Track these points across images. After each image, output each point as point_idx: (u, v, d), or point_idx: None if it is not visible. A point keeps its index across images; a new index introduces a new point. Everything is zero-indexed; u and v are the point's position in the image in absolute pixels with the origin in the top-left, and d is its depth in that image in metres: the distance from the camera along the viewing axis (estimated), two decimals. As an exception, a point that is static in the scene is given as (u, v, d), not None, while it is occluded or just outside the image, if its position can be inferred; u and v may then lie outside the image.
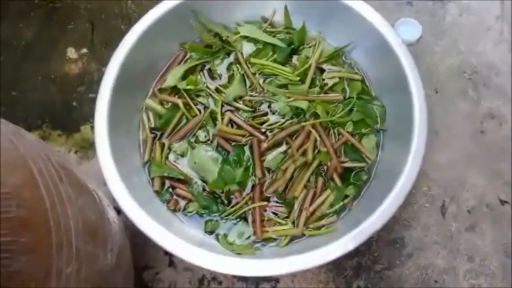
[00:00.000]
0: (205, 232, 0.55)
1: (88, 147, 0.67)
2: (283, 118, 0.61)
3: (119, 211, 0.52)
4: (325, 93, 0.63)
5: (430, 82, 0.71)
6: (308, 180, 0.57)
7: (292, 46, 0.64)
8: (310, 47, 0.65)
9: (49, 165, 0.34)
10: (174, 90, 0.62)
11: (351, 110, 0.61)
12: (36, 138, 0.40)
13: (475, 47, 0.74)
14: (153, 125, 0.61)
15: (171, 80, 0.62)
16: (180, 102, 0.61)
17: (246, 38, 0.65)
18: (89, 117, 0.70)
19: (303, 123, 0.59)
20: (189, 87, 0.61)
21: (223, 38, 0.65)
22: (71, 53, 0.74)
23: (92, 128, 0.68)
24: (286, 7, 0.65)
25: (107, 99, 0.56)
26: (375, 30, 0.59)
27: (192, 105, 0.61)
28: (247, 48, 0.65)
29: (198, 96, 0.62)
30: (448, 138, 0.68)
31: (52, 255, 0.30)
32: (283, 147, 0.59)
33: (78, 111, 0.70)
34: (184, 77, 0.62)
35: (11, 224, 0.28)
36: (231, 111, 0.61)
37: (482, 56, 0.73)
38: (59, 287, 0.30)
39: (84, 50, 0.74)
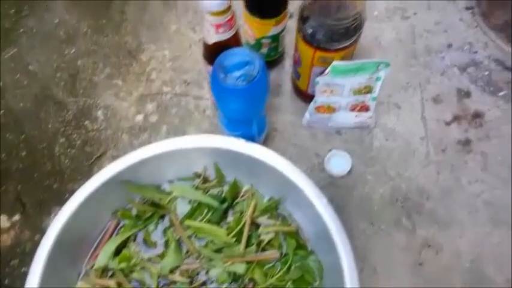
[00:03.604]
0: None
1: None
2: (222, 286, 0.60)
3: None
4: (263, 249, 0.63)
5: (364, 214, 0.73)
6: None
7: (226, 203, 0.65)
8: (244, 200, 0.66)
9: None
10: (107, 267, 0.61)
11: (288, 268, 0.61)
12: None
13: (404, 171, 0.77)
14: (86, 312, 0.59)
15: (103, 258, 0.60)
16: (112, 283, 0.59)
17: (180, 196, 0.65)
18: (21, 295, 0.66)
19: (241, 293, 0.59)
20: (121, 266, 0.60)
21: (156, 202, 0.65)
22: (3, 221, 0.72)
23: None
24: (216, 164, 0.66)
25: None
26: (296, 186, 0.59)
27: (126, 284, 0.59)
28: (182, 206, 0.65)
29: (132, 271, 0.61)
30: (387, 274, 0.68)
31: None
32: (224, 322, 0.58)
33: (10, 290, 0.67)
34: (118, 249, 0.61)
35: None
36: (168, 284, 0.60)
37: (411, 181, 0.76)
38: None
39: (16, 218, 0.72)
